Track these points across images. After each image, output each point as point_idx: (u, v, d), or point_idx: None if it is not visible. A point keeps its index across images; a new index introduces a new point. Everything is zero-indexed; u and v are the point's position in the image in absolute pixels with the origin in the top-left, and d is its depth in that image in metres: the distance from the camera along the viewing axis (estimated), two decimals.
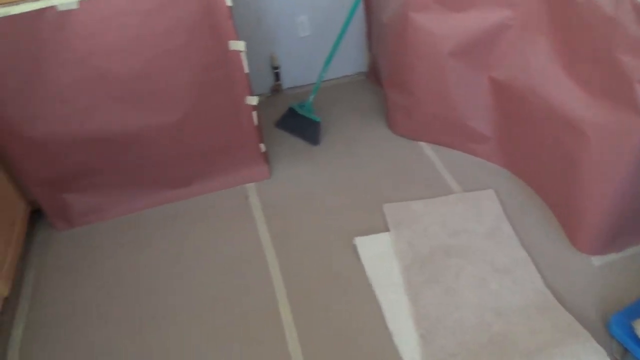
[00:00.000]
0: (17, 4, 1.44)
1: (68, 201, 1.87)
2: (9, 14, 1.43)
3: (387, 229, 1.79)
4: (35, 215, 1.90)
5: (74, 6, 1.48)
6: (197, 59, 1.67)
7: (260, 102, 1.87)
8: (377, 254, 1.71)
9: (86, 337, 1.54)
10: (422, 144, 2.16)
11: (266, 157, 2.04)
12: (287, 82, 2.56)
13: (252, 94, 1.82)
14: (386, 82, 2.21)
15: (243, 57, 1.72)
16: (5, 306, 1.57)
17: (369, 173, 2.04)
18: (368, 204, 1.90)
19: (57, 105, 1.62)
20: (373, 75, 2.55)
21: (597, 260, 1.65)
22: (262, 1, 2.25)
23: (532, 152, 1.83)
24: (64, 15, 1.48)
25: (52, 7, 1.46)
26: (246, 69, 1.75)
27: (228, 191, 2.01)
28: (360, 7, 2.35)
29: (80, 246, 1.84)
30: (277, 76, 2.49)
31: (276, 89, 2.54)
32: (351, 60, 2.58)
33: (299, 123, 2.25)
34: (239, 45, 1.69)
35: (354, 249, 1.72)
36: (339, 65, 2.52)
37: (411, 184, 1.97)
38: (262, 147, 1.98)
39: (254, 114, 1.87)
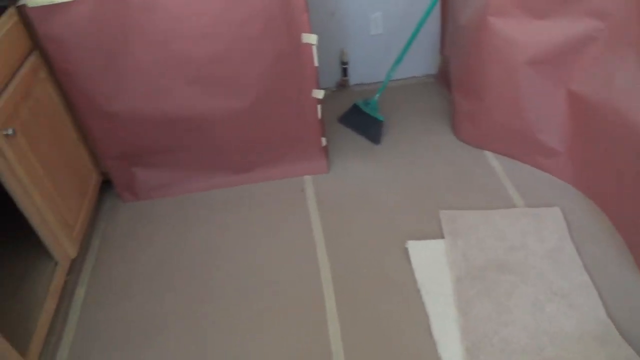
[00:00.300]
0: None
1: (136, 175, 1.97)
2: None
3: (441, 236, 1.75)
4: (105, 186, 2.02)
5: None
6: (271, 48, 1.70)
7: (325, 96, 1.88)
8: (429, 260, 1.68)
9: (140, 303, 1.63)
10: (487, 153, 2.09)
11: (326, 152, 2.06)
12: (354, 78, 2.55)
13: (318, 88, 1.84)
14: (455, 86, 2.15)
15: (314, 50, 1.73)
16: (72, 267, 1.69)
17: (428, 177, 2.00)
18: (424, 209, 1.86)
19: (136, 84, 1.71)
20: (442, 78, 2.50)
21: None
22: None
23: (605, 172, 1.73)
24: None
25: None
26: (316, 62, 1.76)
27: (286, 181, 2.04)
28: (437, 8, 2.30)
29: (143, 218, 1.94)
30: (344, 72, 2.49)
31: (342, 85, 2.55)
32: (421, 61, 2.54)
33: (362, 120, 2.24)
34: (311, 38, 1.70)
35: (406, 252, 1.70)
36: (408, 66, 2.49)
37: (471, 192, 1.92)
38: (324, 141, 1.99)
39: (319, 107, 1.88)
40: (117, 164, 1.92)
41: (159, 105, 1.77)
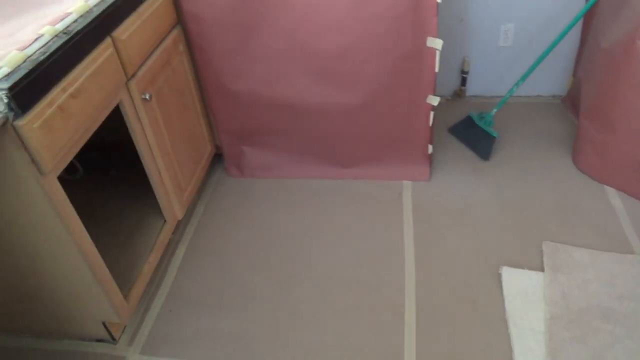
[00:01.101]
0: None
1: (245, 153, 2.08)
2: None
3: (540, 269, 1.64)
4: (216, 159, 2.16)
5: None
6: (393, 48, 1.69)
7: (439, 104, 1.84)
8: (523, 291, 1.58)
9: (233, 272, 1.72)
10: (608, 188, 1.91)
11: (430, 159, 2.01)
12: (472, 89, 2.46)
13: (434, 94, 1.79)
14: (585, 111, 1.98)
15: (437, 55, 1.69)
16: (177, 227, 1.83)
17: (536, 203, 1.88)
18: (526, 236, 1.75)
19: (260, 68, 1.80)
20: (570, 101, 2.32)
21: None
22: (469, 2, 2.18)
23: None
24: None
25: None
26: (436, 68, 1.72)
27: (385, 182, 2.03)
28: (577, 26, 2.14)
29: (245, 194, 2.04)
30: (463, 81, 2.41)
31: (459, 94, 2.46)
32: (549, 80, 2.37)
33: (474, 134, 2.16)
34: (436, 43, 1.67)
35: (498, 278, 1.61)
36: (534, 83, 2.34)
37: (582, 228, 1.76)
38: (430, 148, 1.95)
39: (432, 113, 1.84)
40: (230, 139, 2.04)
41: (277, 90, 1.85)
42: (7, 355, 1.53)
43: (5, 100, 0.99)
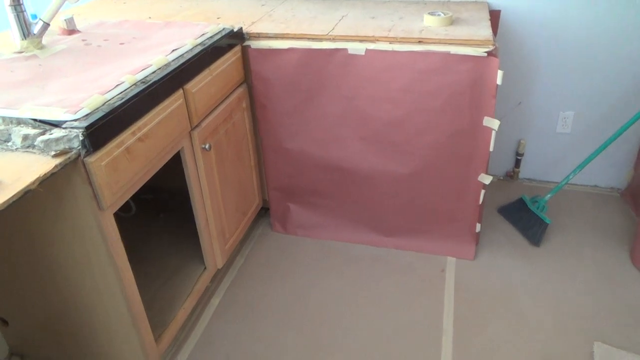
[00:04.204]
0: (319, 41, 1.71)
1: (291, 210, 2.10)
2: (310, 47, 1.71)
3: None
4: (262, 212, 2.19)
5: (362, 52, 1.68)
6: (448, 124, 1.71)
7: (491, 183, 1.81)
8: None
9: (263, 329, 1.69)
10: None
11: (477, 238, 1.96)
12: (525, 171, 2.42)
13: (487, 173, 1.78)
14: None
15: (493, 135, 1.69)
16: (215, 276, 1.85)
17: (587, 300, 1.77)
18: (575, 333, 1.64)
19: (315, 129, 1.86)
20: (630, 195, 2.22)
21: None
22: (528, 86, 2.19)
23: None
24: (351, 58, 1.70)
25: (344, 49, 1.69)
26: (491, 147, 1.72)
27: (427, 256, 1.98)
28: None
29: (285, 251, 2.05)
30: (517, 163, 2.38)
31: (511, 175, 2.43)
32: (608, 171, 2.30)
33: (525, 217, 2.10)
34: (493, 123, 1.67)
35: None
36: (591, 173, 2.28)
37: (639, 333, 1.63)
38: (478, 227, 1.90)
39: (482, 192, 1.81)
40: (278, 195, 2.08)
41: (329, 152, 1.89)
42: None
43: (81, 138, 1.07)
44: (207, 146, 1.58)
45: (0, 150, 1.05)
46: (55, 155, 1.04)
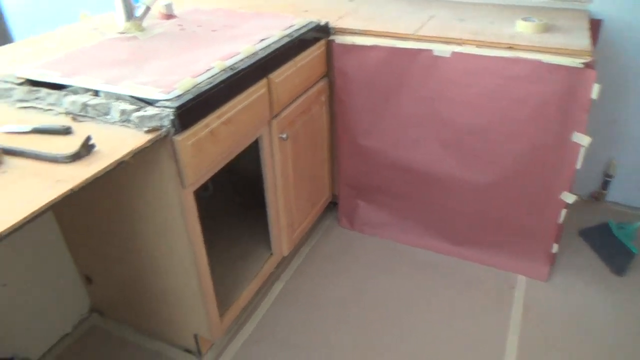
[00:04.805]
0: (404, 40, 1.69)
1: (359, 207, 2.10)
2: (395, 46, 1.70)
3: None
4: (330, 206, 2.21)
5: (447, 55, 1.64)
6: (533, 136, 1.63)
7: (574, 203, 1.70)
8: None
9: (319, 320, 1.71)
10: None
11: (553, 259, 1.85)
12: (613, 194, 2.25)
13: (570, 191, 1.67)
14: None
15: (581, 152, 1.59)
16: (280, 263, 1.89)
17: None
18: None
19: (392, 129, 1.84)
20: None
21: None
22: (625, 103, 2.03)
23: None
24: (435, 60, 1.66)
25: (429, 51, 1.66)
26: (578, 165, 1.61)
27: (496, 271, 1.90)
28: None
29: (350, 247, 2.05)
30: (605, 184, 2.21)
31: (597, 197, 2.26)
32: None
33: (609, 243, 1.95)
34: (583, 139, 1.57)
35: None
36: None
37: None
38: (555, 247, 1.80)
39: (564, 211, 1.71)
40: (348, 191, 2.08)
41: (404, 153, 1.87)
42: (109, 340, 1.66)
43: (171, 117, 1.13)
44: (284, 136, 1.62)
45: (100, 122, 1.14)
46: (147, 131, 1.10)
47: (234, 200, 2.11)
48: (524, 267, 1.87)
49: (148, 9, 1.66)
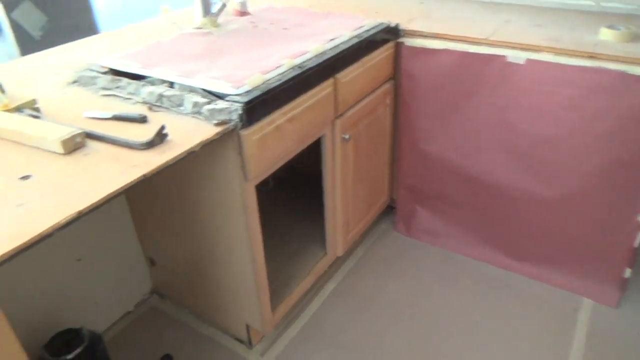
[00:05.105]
0: (476, 45, 1.64)
1: (417, 213, 2.06)
2: (466, 51, 1.65)
3: None
4: (387, 210, 2.19)
5: (521, 62, 1.57)
6: (613, 151, 1.53)
7: None
8: None
9: (369, 323, 1.70)
10: None
11: (624, 285, 1.73)
12: None
13: None
14: None
15: None
16: (334, 263, 1.89)
17: None
18: None
19: (458, 136, 1.79)
20: None
21: None
22: None
23: None
24: (509, 66, 1.60)
25: (502, 57, 1.60)
26: None
27: (560, 292, 1.80)
28: None
29: (405, 253, 2.02)
30: None
31: None
32: None
33: None
34: None
35: None
36: None
37: None
38: (627, 272, 1.68)
39: (639, 234, 1.60)
40: (407, 195, 2.05)
41: (469, 162, 1.81)
42: (166, 321, 1.74)
43: (240, 112, 1.16)
44: (347, 136, 1.62)
45: (173, 113, 1.19)
46: (216, 124, 1.14)
47: (292, 197, 2.14)
48: (592, 290, 1.76)
49: (224, 5, 1.71)
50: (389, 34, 1.74)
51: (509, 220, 1.83)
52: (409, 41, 1.75)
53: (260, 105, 1.23)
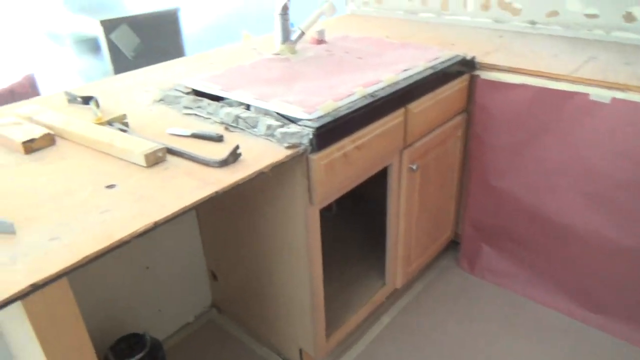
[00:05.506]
0: (557, 81, 1.58)
1: (482, 251, 1.98)
2: (545, 87, 1.60)
3: None
4: (450, 245, 2.12)
5: (606, 101, 1.49)
6: None
7: None
8: None
9: None
10: None
11: None
12: None
13: None
14: None
15: None
16: (391, 295, 1.85)
17: None
18: None
19: (530, 172, 1.72)
20: None
21: None
22: None
23: None
24: (591, 105, 1.52)
25: (585, 94, 1.53)
26: None
27: (633, 348, 1.65)
28: None
29: (467, 292, 1.94)
30: None
31: None
32: None
33: None
34: None
35: None
36: None
37: None
38: None
39: None
40: (473, 232, 1.98)
41: (541, 201, 1.73)
42: (222, 336, 1.77)
43: (310, 137, 1.18)
44: (414, 166, 1.60)
45: (248, 134, 1.24)
46: (287, 147, 1.17)
47: (353, 224, 2.13)
48: None
49: (302, 33, 1.78)
50: (465, 67, 1.72)
51: (583, 267, 1.71)
52: (484, 74, 1.72)
53: (331, 131, 1.25)
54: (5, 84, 1.91)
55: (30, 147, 1.15)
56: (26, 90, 1.92)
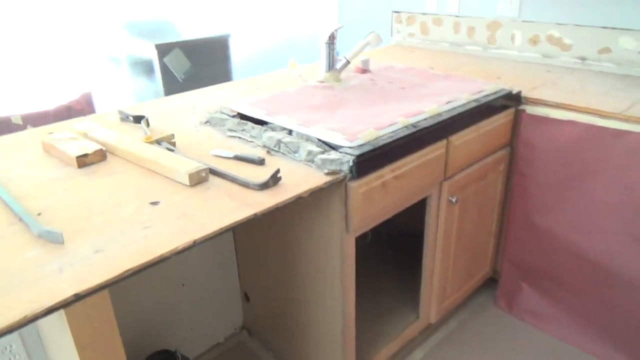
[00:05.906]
0: (607, 119, 1.53)
1: (522, 290, 1.91)
2: (594, 124, 1.55)
3: None
4: (488, 282, 2.05)
5: None
6: None
7: None
8: None
9: None
10: None
11: None
12: None
13: None
14: None
15: None
16: (424, 330, 1.80)
17: None
18: None
19: (575, 212, 1.66)
20: None
21: None
22: None
23: None
24: None
25: (637, 133, 1.48)
26: None
27: None
28: None
29: (504, 332, 1.86)
30: None
31: None
32: None
33: None
34: None
35: None
36: None
37: None
38: None
39: None
40: (512, 270, 1.92)
41: (586, 243, 1.66)
42: (250, 358, 1.77)
43: (350, 164, 1.19)
44: (454, 199, 1.58)
45: (288, 159, 1.26)
46: (327, 173, 1.18)
47: (389, 254, 2.10)
48: None
49: (347, 62, 1.81)
50: (510, 101, 1.70)
51: (630, 314, 1.62)
52: (530, 109, 1.69)
53: (371, 159, 1.25)
54: (64, 101, 2.03)
55: (84, 161, 1.21)
56: (83, 107, 2.03)
